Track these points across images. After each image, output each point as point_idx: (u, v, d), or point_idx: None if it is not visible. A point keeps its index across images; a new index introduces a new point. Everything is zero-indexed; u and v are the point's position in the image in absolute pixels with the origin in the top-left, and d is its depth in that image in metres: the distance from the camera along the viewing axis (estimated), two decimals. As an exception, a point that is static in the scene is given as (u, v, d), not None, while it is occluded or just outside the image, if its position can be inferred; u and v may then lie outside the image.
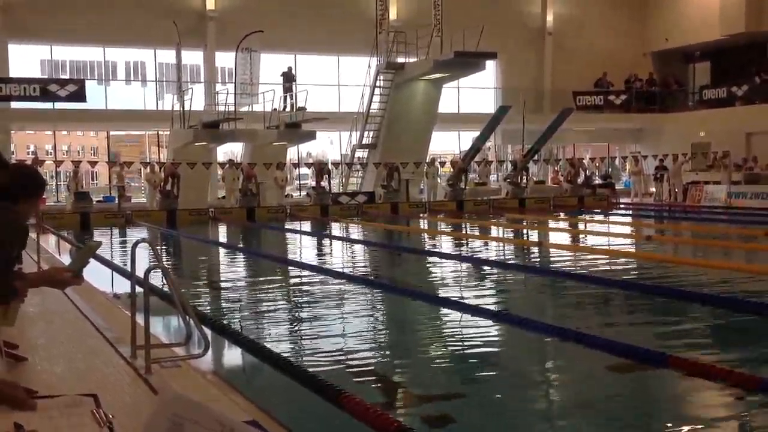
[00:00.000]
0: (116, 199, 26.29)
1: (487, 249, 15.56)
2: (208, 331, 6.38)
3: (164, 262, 11.29)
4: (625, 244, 15.99)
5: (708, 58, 34.87)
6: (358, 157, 29.19)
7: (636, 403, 5.51)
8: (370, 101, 28.29)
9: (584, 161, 33.68)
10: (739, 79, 31.34)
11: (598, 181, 32.90)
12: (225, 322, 8.15)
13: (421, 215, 25.08)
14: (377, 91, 28.15)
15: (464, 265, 13.17)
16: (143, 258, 9.07)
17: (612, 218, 22.30)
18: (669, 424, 4.90)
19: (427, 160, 28.67)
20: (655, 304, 9.08)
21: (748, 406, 5.17)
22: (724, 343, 7.15)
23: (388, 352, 7.18)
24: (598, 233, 17.46)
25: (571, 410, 5.39)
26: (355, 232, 20.82)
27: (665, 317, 8.46)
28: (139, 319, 5.29)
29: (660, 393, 5.75)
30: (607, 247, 15.06)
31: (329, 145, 36.08)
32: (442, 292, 10.25)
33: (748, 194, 25.49)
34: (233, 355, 7.12)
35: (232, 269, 14.06)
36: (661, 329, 7.81)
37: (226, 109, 25.48)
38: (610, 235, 17.07)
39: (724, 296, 8.96)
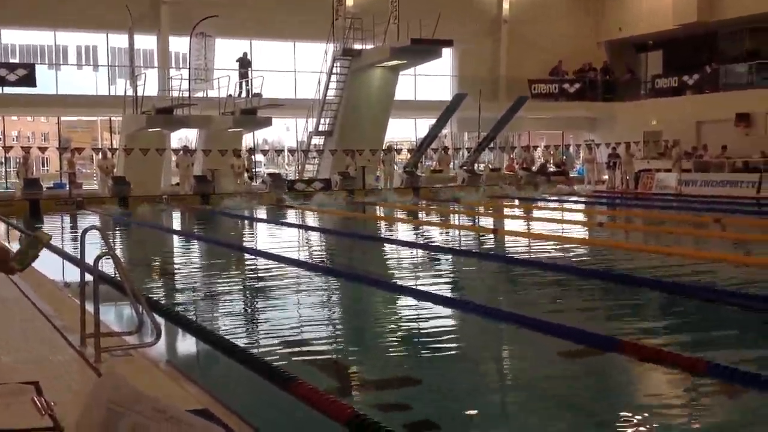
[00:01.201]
0: (67, 185, 25.84)
1: (443, 236, 15.63)
2: (160, 320, 6.31)
3: (115, 250, 11.12)
4: (578, 231, 16.18)
5: (660, 48, 35.35)
6: (315, 144, 29.06)
7: (588, 387, 5.58)
8: (327, 88, 28.15)
9: (538, 149, 34.06)
10: (690, 69, 31.84)
11: (552, 168, 33.25)
12: (178, 310, 8.06)
13: (380, 203, 25.08)
14: (334, 77, 28.03)
15: (420, 252, 13.20)
16: (94, 245, 8.92)
17: (565, 205, 22.53)
18: (620, 408, 4.97)
19: (383, 148, 28.68)
20: (608, 290, 9.21)
21: (696, 389, 5.27)
22: (675, 328, 7.27)
23: (343, 339, 7.18)
24: (551, 220, 17.63)
25: (525, 395, 5.45)
26: (311, 219, 20.74)
27: (617, 303, 8.58)
28: (89, 308, 5.20)
29: (611, 377, 5.84)
30: (560, 234, 15.22)
31: (285, 132, 35.88)
32: (398, 279, 10.26)
33: (698, 182, 25.98)
34: (186, 344, 7.05)
35: (186, 257, 13.93)
36: (614, 314, 7.92)
37: (180, 95, 25.17)
38: (564, 222, 17.24)
39: (675, 282, 9.11)
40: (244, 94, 27.85)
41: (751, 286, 8.97)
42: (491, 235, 15.04)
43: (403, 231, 17.09)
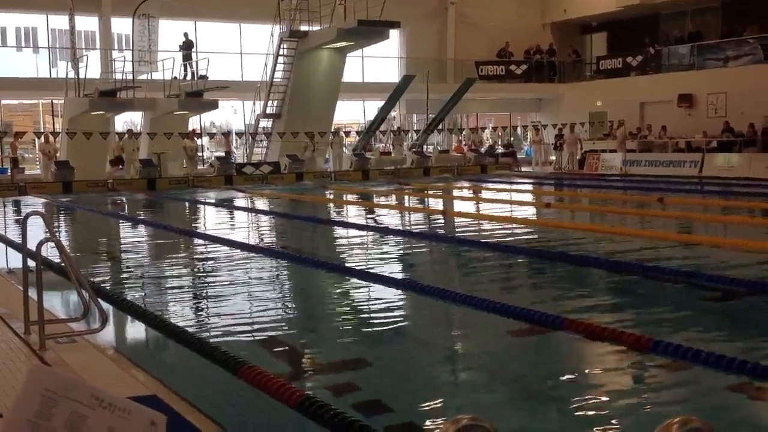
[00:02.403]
0: (9, 170, 25.24)
1: (393, 218, 15.67)
2: (106, 306, 6.22)
3: (59, 236, 10.93)
4: (525, 212, 16.35)
5: (604, 29, 35.79)
6: (263, 127, 28.82)
7: (536, 365, 5.67)
8: (274, 70, 27.89)
9: (486, 131, 34.27)
10: (633, 50, 32.31)
11: (500, 150, 33.52)
12: (124, 295, 7.95)
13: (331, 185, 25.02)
14: (281, 59, 27.76)
15: (370, 235, 13.22)
16: (37, 231, 8.74)
17: (513, 186, 22.74)
18: (568, 386, 5.06)
19: (332, 130, 28.59)
20: (555, 270, 9.34)
21: (641, 366, 5.39)
22: (620, 306, 7.41)
23: (293, 323, 7.15)
24: (499, 201, 17.78)
25: (475, 375, 5.51)
26: (261, 202, 20.60)
27: (565, 282, 8.71)
28: (33, 295, 5.11)
29: (559, 356, 5.93)
30: (508, 215, 15.37)
31: (233, 115, 35.50)
32: (348, 262, 10.27)
33: (642, 162, 26.45)
34: (133, 330, 6.96)
35: (132, 242, 13.73)
36: (561, 294, 8.04)
37: (124, 77, 24.72)
38: (512, 203, 17.41)
39: (620, 261, 9.28)
40: (189, 77, 27.46)
41: (693, 264, 9.19)
42: (440, 217, 15.11)
43: (354, 214, 17.09)
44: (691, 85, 28.91)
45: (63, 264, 5.28)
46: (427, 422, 4.40)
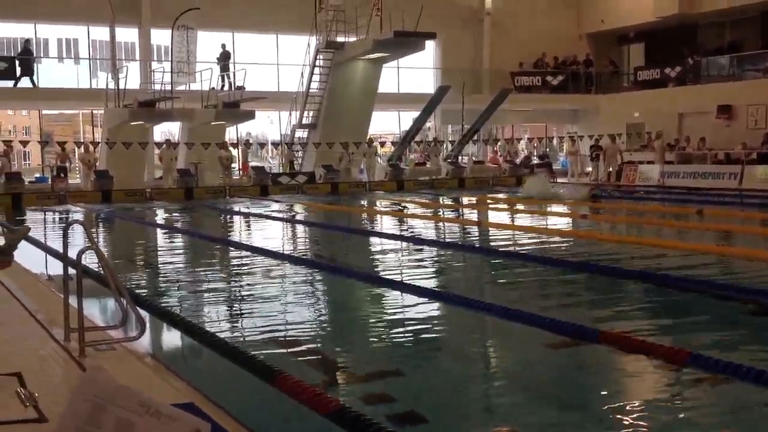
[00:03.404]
0: (49, 179, 25.67)
1: (428, 228, 15.65)
2: (144, 314, 6.30)
3: (98, 244, 11.08)
4: (563, 224, 16.24)
5: (642, 40, 35.49)
6: (298, 137, 29.00)
7: (573, 379, 5.62)
8: (310, 80, 28.07)
9: (522, 141, 34.12)
10: (671, 61, 31.99)
11: (535, 161, 33.36)
12: (162, 304, 8.04)
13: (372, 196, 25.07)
14: (317, 70, 27.95)
15: (404, 245, 13.22)
16: (77, 239, 8.90)
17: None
18: (605, 400, 5.01)
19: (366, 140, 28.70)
20: (592, 282, 9.27)
21: (678, 380, 5.32)
22: (658, 319, 7.32)
23: (328, 333, 7.17)
24: (536, 212, 17.68)
25: (509, 388, 5.48)
26: (297, 212, 20.70)
27: (602, 294, 8.64)
28: (73, 302, 5.18)
29: (596, 369, 5.88)
30: (545, 226, 15.27)
31: (269, 125, 35.78)
32: (383, 272, 10.28)
33: (681, 173, 26.13)
34: (171, 338, 7.03)
35: (170, 250, 13.87)
36: (598, 306, 7.97)
37: (163, 88, 25.05)
38: (548, 215, 17.31)
39: (658, 273, 9.17)
40: (226, 87, 27.74)
41: (733, 277, 9.06)
42: (475, 228, 15.07)
43: (389, 224, 17.10)
44: (731, 96, 28.53)
45: (102, 272, 5.36)
46: (462, 434, 4.39)
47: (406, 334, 6.91)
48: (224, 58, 28.53)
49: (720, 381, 5.07)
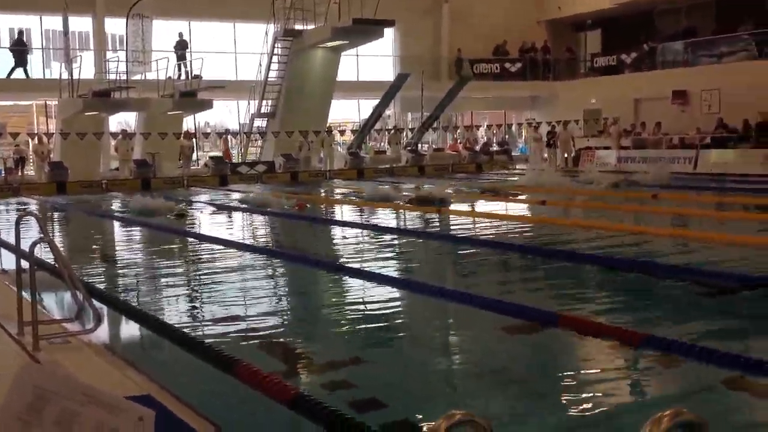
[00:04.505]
0: (2, 171, 25.22)
1: (388, 216, 15.65)
2: (100, 306, 6.22)
3: (53, 236, 10.92)
4: (520, 209, 16.36)
5: (599, 27, 35.81)
6: (257, 126, 28.82)
7: (531, 362, 5.67)
8: (268, 69, 27.89)
9: (481, 129, 34.28)
10: (628, 47, 32.34)
11: (495, 148, 33.55)
12: (119, 295, 7.94)
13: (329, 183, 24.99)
14: (275, 58, 27.78)
15: (365, 233, 13.21)
16: (31, 232, 8.74)
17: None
18: (561, 382, 5.06)
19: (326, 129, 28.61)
20: (550, 266, 9.35)
21: (635, 361, 5.40)
22: (614, 302, 7.41)
23: (288, 321, 7.14)
24: (495, 199, 17.76)
25: (469, 372, 5.51)
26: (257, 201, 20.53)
27: (559, 278, 8.72)
28: (27, 295, 5.10)
29: (553, 351, 5.94)
30: (503, 212, 15.37)
31: (228, 114, 35.50)
32: (343, 260, 10.26)
33: (637, 158, 26.48)
34: (127, 330, 6.95)
35: (127, 242, 13.71)
36: (556, 290, 8.05)
37: (118, 78, 24.70)
38: (507, 200, 17.41)
39: (614, 256, 9.29)
40: (183, 77, 27.44)
41: (687, 260, 9.21)
42: (435, 215, 15.11)
43: (348, 212, 17.07)
44: (685, 81, 28.94)
45: (56, 264, 5.28)
46: (423, 419, 4.40)
47: (367, 322, 6.91)
48: (181, 47, 28.21)
49: (674, 361, 5.15)
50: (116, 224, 16.34)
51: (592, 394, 4.70)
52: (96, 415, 1.48)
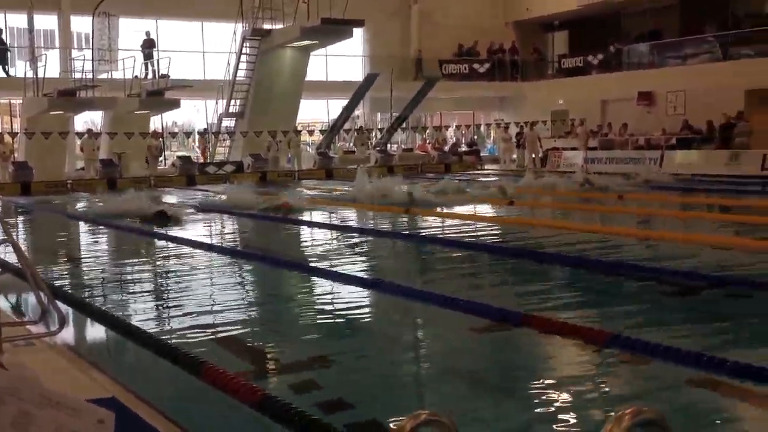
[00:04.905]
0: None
1: (357, 217, 15.65)
2: (65, 308, 6.15)
3: (16, 237, 10.77)
4: (489, 210, 16.43)
5: (566, 28, 36.12)
6: (225, 126, 28.67)
7: (497, 361, 5.71)
8: (237, 69, 27.76)
9: (450, 129, 34.40)
10: (594, 49, 32.66)
11: (464, 148, 33.69)
12: (84, 297, 7.85)
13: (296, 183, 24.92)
14: (243, 58, 27.65)
15: (333, 233, 13.20)
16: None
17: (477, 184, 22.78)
18: (527, 381, 5.09)
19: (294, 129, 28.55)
20: (517, 266, 9.41)
21: (600, 360, 5.45)
22: (580, 302, 7.48)
23: (256, 323, 7.11)
24: (464, 199, 17.81)
25: (436, 372, 5.52)
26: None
27: (526, 278, 8.77)
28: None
29: (519, 350, 5.98)
30: (472, 212, 15.43)
31: (195, 114, 35.27)
32: (310, 261, 10.25)
33: (603, 159, 26.73)
34: (93, 332, 6.87)
35: (92, 243, 13.56)
36: (522, 290, 8.09)
37: (84, 77, 24.44)
38: (475, 201, 17.47)
39: (580, 256, 9.37)
40: (150, 76, 27.21)
41: (652, 260, 9.32)
42: (405, 215, 15.13)
43: (317, 213, 17.03)
44: (651, 83, 29.29)
45: (20, 266, 5.20)
46: (390, 419, 4.41)
47: (335, 323, 6.90)
48: (148, 46, 27.98)
49: (639, 360, 5.21)
50: (82, 225, 16.16)
51: (557, 393, 4.73)
52: (54, 418, 1.46)
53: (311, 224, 14.43)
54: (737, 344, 5.63)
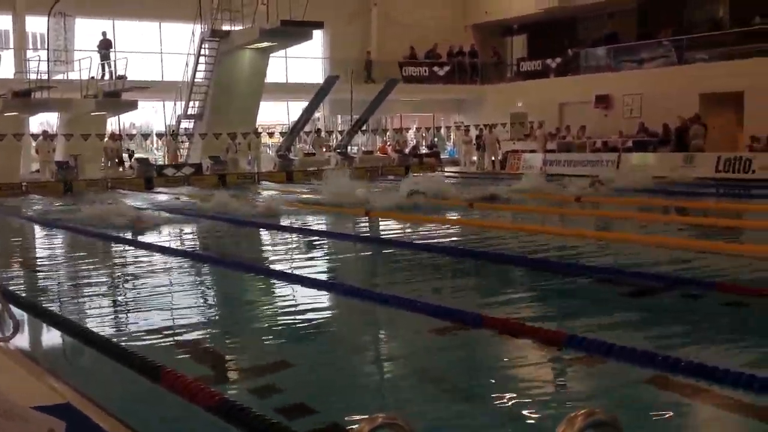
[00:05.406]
0: None
1: (317, 220, 15.62)
2: (19, 313, 6.05)
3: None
4: (449, 212, 16.50)
5: (525, 32, 36.44)
6: (184, 128, 28.40)
7: (457, 362, 5.72)
8: (195, 70, 27.52)
9: (410, 131, 34.49)
10: (552, 52, 33.00)
11: (424, 150, 33.80)
12: (39, 302, 7.72)
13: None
14: (202, 59, 27.40)
15: (293, 236, 13.16)
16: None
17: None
18: (485, 382, 5.13)
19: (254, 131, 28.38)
20: (477, 268, 9.46)
21: (557, 361, 5.51)
22: (539, 303, 7.55)
23: (215, 327, 7.05)
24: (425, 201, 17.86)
25: (398, 375, 5.53)
26: (183, 204, 20.23)
27: (485, 280, 8.83)
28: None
29: (478, 352, 6.01)
30: (433, 215, 15.47)
31: (154, 115, 34.90)
32: (271, 264, 10.20)
33: (562, 161, 27.02)
34: (48, 337, 6.77)
35: (48, 246, 13.34)
36: (482, 292, 8.16)
37: (39, 77, 24.06)
38: (437, 202, 17.52)
39: (539, 258, 9.46)
40: (107, 77, 26.86)
41: (611, 261, 9.44)
42: (365, 218, 15.13)
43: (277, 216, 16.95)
44: (608, 86, 29.66)
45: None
46: (351, 423, 4.41)
47: (295, 326, 6.87)
48: (104, 47, 27.60)
49: (596, 361, 5.28)
50: (37, 228, 15.90)
51: (515, 394, 4.77)
52: (3, 427, 1.44)
53: (270, 227, 14.34)
54: (691, 344, 5.73)
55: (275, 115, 35.81)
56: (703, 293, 7.31)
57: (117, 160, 27.52)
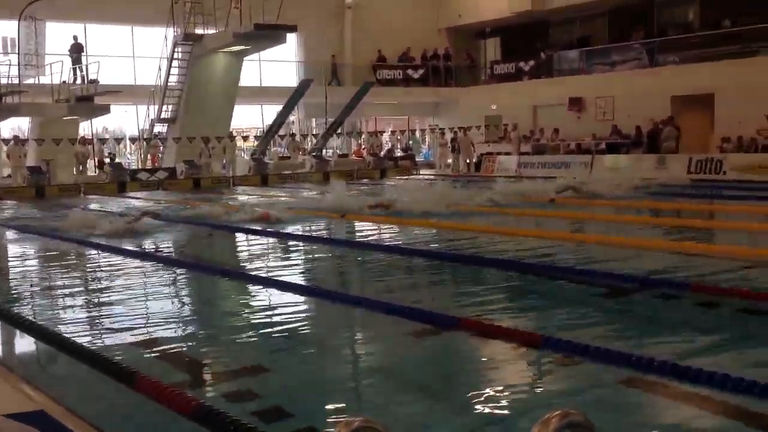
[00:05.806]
0: None
1: (294, 223, 15.56)
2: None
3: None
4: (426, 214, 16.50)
5: (498, 35, 36.63)
6: (158, 132, 28.23)
7: (436, 365, 5.74)
8: (168, 74, 27.37)
9: (385, 134, 34.52)
10: (526, 55, 33.20)
11: (399, 153, 33.87)
12: (12, 308, 7.64)
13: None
14: (175, 63, 27.28)
15: (270, 240, 13.12)
16: None
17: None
18: (463, 384, 5.15)
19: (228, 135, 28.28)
20: (454, 271, 9.49)
21: (534, 362, 5.54)
22: (516, 305, 7.58)
23: (191, 332, 7.01)
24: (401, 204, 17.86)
25: (374, 378, 5.53)
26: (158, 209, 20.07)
27: (464, 283, 8.86)
28: None
29: (457, 354, 6.03)
30: (408, 218, 15.48)
31: (127, 120, 34.64)
32: (247, 268, 10.16)
33: (536, 164, 27.18)
34: (21, 344, 6.69)
35: (20, 253, 13.19)
36: (460, 294, 8.17)
37: (9, 82, 23.81)
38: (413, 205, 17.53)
39: (515, 260, 9.50)
40: (79, 81, 26.65)
41: (586, 262, 9.51)
42: (340, 221, 15.12)
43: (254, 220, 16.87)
44: (581, 88, 29.91)
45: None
46: (328, 426, 4.40)
47: (272, 330, 6.85)
48: (76, 50, 27.37)
49: (572, 361, 5.31)
50: (8, 234, 15.71)
51: (491, 396, 4.79)
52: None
53: (246, 231, 14.28)
54: (665, 344, 5.78)
55: (250, 118, 35.72)
56: (678, 294, 7.38)
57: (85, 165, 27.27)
